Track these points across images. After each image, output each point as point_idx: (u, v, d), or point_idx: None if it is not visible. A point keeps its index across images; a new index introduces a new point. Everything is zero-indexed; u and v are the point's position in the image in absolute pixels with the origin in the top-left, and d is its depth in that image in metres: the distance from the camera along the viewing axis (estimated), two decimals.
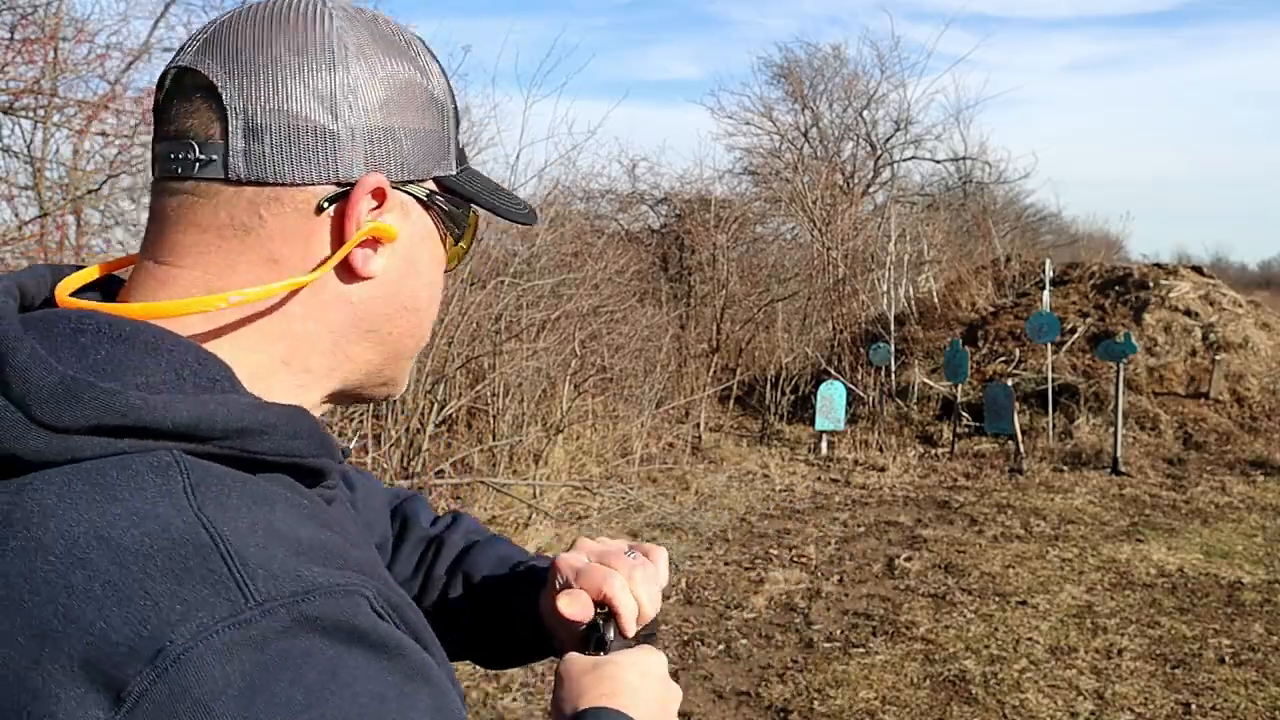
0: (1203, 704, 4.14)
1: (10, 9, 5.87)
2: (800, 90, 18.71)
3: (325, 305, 0.69)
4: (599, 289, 8.93)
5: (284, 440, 0.63)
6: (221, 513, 0.56)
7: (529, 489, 6.78)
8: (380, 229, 0.68)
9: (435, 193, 0.73)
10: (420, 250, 0.73)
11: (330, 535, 0.62)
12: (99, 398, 0.57)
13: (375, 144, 0.68)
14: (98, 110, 6.10)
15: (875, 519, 7.19)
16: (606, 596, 0.83)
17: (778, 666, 4.52)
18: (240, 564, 0.53)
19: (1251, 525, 6.96)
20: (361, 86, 0.67)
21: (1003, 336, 11.35)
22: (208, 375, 0.63)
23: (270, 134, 0.65)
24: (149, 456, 0.58)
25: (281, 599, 0.52)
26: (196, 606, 0.51)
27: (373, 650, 0.55)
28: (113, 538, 0.53)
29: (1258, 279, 39.87)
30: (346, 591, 0.56)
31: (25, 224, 5.83)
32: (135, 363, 0.61)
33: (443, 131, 0.72)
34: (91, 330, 0.61)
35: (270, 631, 0.51)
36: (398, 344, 0.74)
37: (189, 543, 0.53)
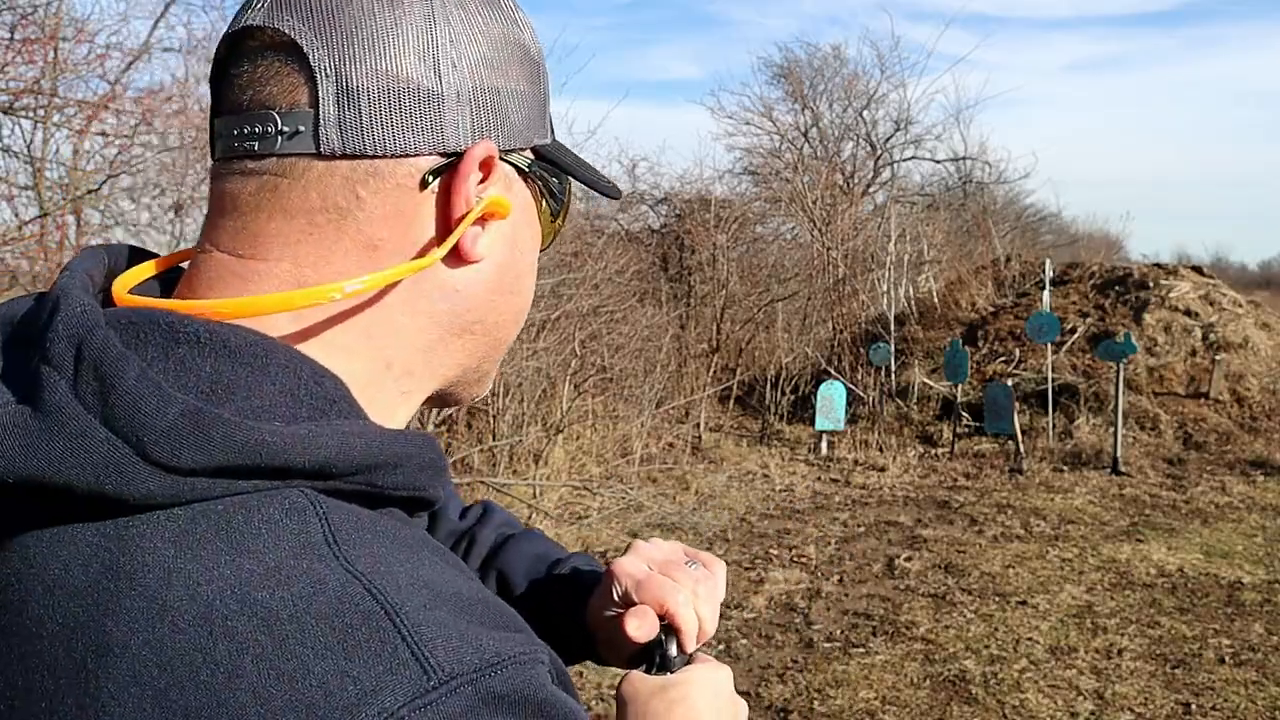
0: (1203, 704, 4.14)
1: (10, 9, 5.88)
2: (800, 90, 18.71)
3: (427, 295, 0.60)
4: (599, 289, 8.93)
5: (414, 473, 0.56)
6: (375, 567, 0.48)
7: (529, 489, 6.79)
8: (496, 204, 0.60)
9: (535, 163, 0.65)
10: (523, 228, 0.65)
11: (481, 586, 0.55)
12: (230, 434, 0.48)
13: (481, 107, 0.59)
14: (98, 110, 6.10)
15: (875, 519, 7.19)
16: (669, 612, 0.76)
17: (778, 666, 4.52)
18: (415, 633, 0.46)
19: (1251, 525, 6.96)
20: (464, 40, 0.59)
21: (1003, 336, 11.36)
22: (325, 395, 0.55)
23: (367, 97, 0.56)
24: (277, 497, 0.50)
25: (466, 675, 0.46)
26: (374, 688, 0.44)
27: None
28: (258, 600, 0.45)
29: (1258, 279, 39.88)
30: (529, 661, 0.49)
31: (25, 224, 5.83)
32: (246, 382, 0.52)
33: (541, 94, 0.64)
34: (190, 340, 0.52)
35: (457, 712, 0.45)
36: (500, 333, 0.66)
37: (351, 607, 0.46)
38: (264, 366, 0.53)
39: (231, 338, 0.53)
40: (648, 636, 0.75)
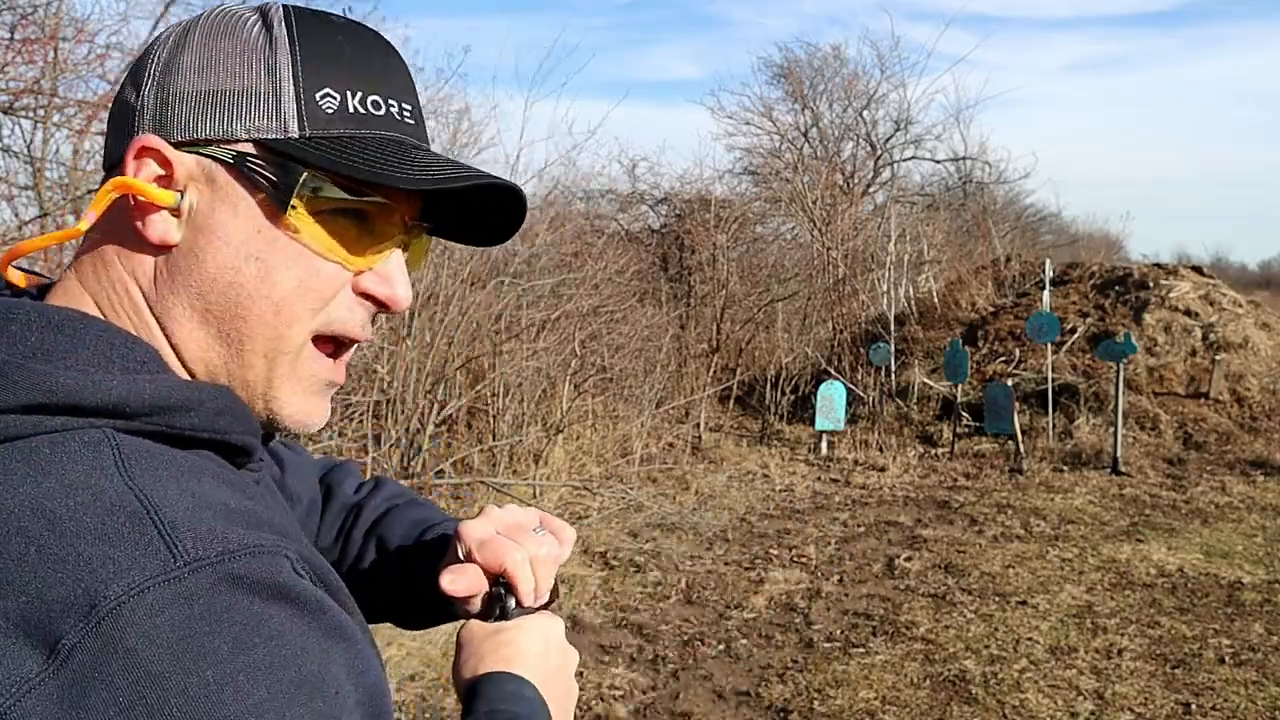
0: (1203, 704, 4.14)
1: (10, 9, 5.87)
2: (800, 90, 18.71)
3: (147, 279, 0.70)
4: (599, 289, 8.93)
5: (210, 417, 0.66)
6: (151, 482, 0.59)
7: (529, 489, 6.78)
8: (128, 185, 0.67)
9: (250, 155, 0.68)
10: (226, 218, 0.68)
11: (253, 504, 0.65)
12: (31, 378, 0.60)
13: (163, 109, 0.69)
14: (98, 110, 6.10)
15: (875, 519, 7.19)
16: (506, 570, 0.83)
17: (778, 666, 4.52)
18: (169, 527, 0.56)
19: (1251, 525, 6.95)
20: (168, 58, 0.70)
21: (1003, 336, 11.35)
22: (135, 357, 0.66)
23: (108, 125, 0.73)
24: (80, 434, 0.60)
25: (208, 558, 0.55)
26: (128, 566, 0.54)
27: (294, 606, 0.58)
28: (47, 507, 0.56)
29: (1258, 279, 39.88)
30: (269, 551, 0.59)
31: (25, 224, 5.82)
32: (64, 347, 0.63)
33: (270, 89, 0.68)
34: (21, 319, 0.64)
35: (198, 588, 0.54)
36: (228, 328, 0.69)
37: (120, 509, 0.56)
38: (81, 335, 0.65)
39: (55, 315, 0.65)
40: (461, 591, 0.83)
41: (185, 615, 0.53)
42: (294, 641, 0.56)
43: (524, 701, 0.76)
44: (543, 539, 0.87)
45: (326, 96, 0.69)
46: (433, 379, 6.67)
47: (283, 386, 0.72)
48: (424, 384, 6.58)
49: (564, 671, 0.83)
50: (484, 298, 7.14)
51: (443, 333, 6.67)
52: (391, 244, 0.74)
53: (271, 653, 0.55)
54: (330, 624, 0.60)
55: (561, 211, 9.81)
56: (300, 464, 1.00)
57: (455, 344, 6.80)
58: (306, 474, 1.02)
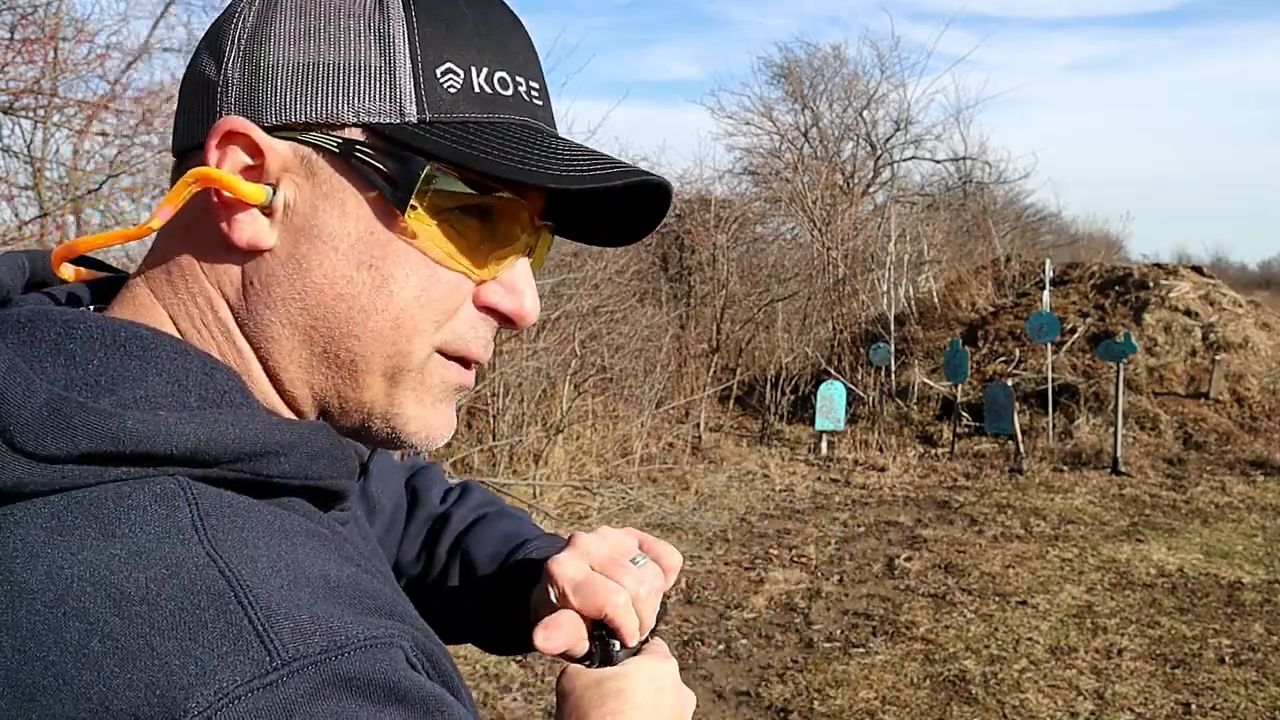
0: (1203, 704, 4.14)
1: (10, 9, 5.88)
2: (800, 90, 18.71)
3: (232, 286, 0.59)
4: (599, 289, 8.93)
5: (303, 462, 0.56)
6: (238, 551, 0.49)
7: (529, 489, 6.79)
8: (210, 177, 0.56)
9: (360, 143, 0.58)
10: (331, 218, 0.58)
11: (358, 572, 0.55)
12: (92, 422, 0.50)
13: (252, 85, 0.57)
14: (98, 110, 6.10)
15: (875, 519, 7.19)
16: (608, 616, 0.73)
17: (778, 666, 4.52)
18: (264, 615, 0.46)
19: (1251, 525, 6.96)
20: (255, 24, 0.58)
21: (1003, 336, 11.36)
22: (215, 387, 0.55)
23: (180, 103, 0.62)
24: (151, 484, 0.51)
25: (311, 656, 0.46)
26: (214, 668, 0.44)
27: (409, 709, 0.49)
28: (113, 583, 0.46)
29: (1258, 279, 39.90)
30: (384, 644, 0.49)
31: (25, 224, 5.83)
32: (133, 373, 0.53)
33: (384, 63, 0.58)
34: (82, 336, 0.54)
35: (298, 694, 0.45)
36: (337, 347, 0.59)
37: (202, 589, 0.46)
38: (151, 359, 0.54)
39: (122, 332, 0.55)
40: (559, 648, 0.72)
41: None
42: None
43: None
44: (644, 572, 0.76)
45: (449, 73, 0.59)
46: None
47: (408, 401, 0.62)
48: None
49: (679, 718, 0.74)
50: None
51: None
52: (517, 248, 0.63)
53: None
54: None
55: None
56: (385, 468, 0.91)
57: None
58: (391, 478, 0.92)
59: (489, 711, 4.02)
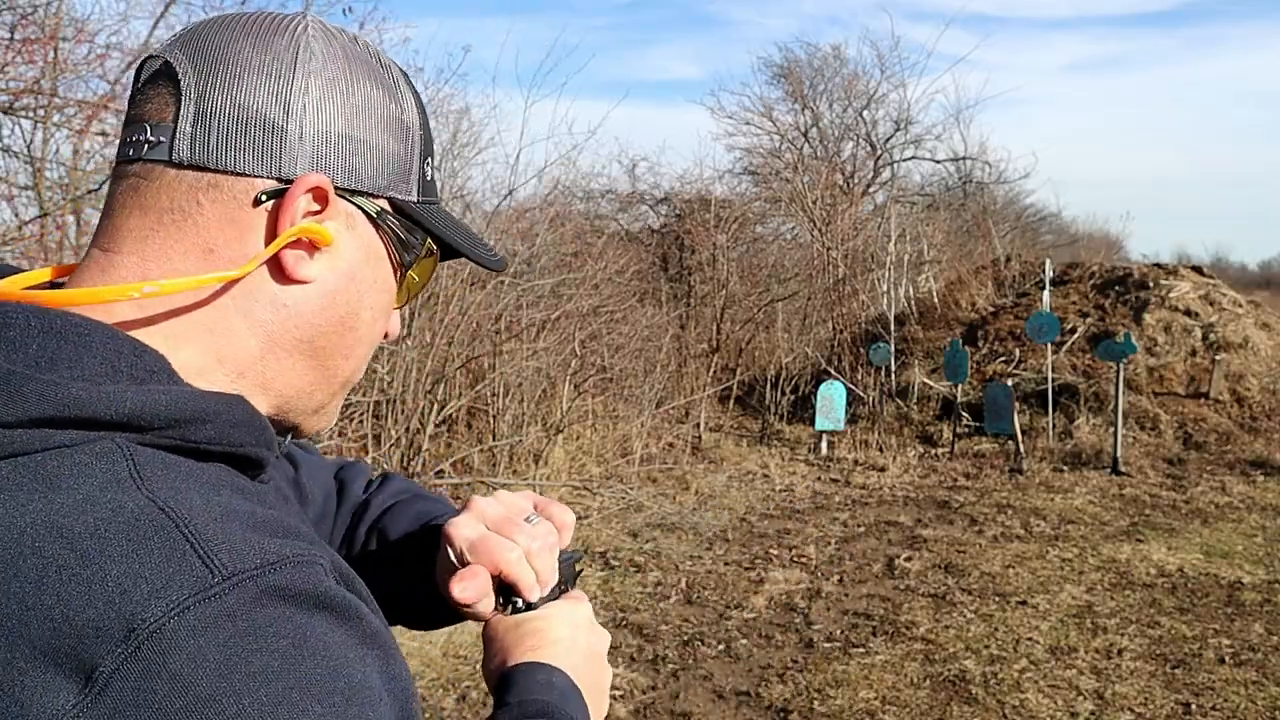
0: (1203, 704, 4.14)
1: (10, 9, 5.87)
2: (800, 90, 18.72)
3: (258, 306, 0.68)
4: (599, 289, 8.93)
5: (225, 429, 0.63)
6: (171, 494, 0.55)
7: (529, 489, 6.78)
8: (313, 230, 0.67)
9: (388, 213, 0.72)
10: (364, 268, 0.72)
11: (278, 513, 0.62)
12: (41, 390, 0.56)
13: (325, 147, 0.68)
14: (98, 110, 6.10)
15: (875, 519, 7.19)
16: (503, 572, 0.81)
17: (778, 666, 4.52)
18: (202, 540, 0.53)
19: (1251, 525, 6.96)
20: (320, 92, 0.68)
21: (1003, 336, 11.36)
22: (144, 367, 0.62)
23: (219, 120, 0.65)
24: (90, 446, 0.57)
25: (248, 571, 0.53)
26: (163, 584, 0.51)
27: (334, 615, 0.56)
28: (63, 524, 0.52)
29: (1258, 279, 39.87)
30: (306, 560, 0.56)
31: (25, 224, 5.83)
32: (68, 356, 0.59)
33: (406, 156, 0.72)
34: (20, 325, 0.60)
35: (240, 603, 0.52)
36: (331, 363, 0.72)
37: (145, 522, 0.53)
38: (85, 343, 0.60)
39: (57, 321, 0.61)
40: (474, 598, 0.80)
41: (230, 633, 0.51)
42: (339, 652, 0.55)
43: (554, 689, 0.76)
44: (536, 529, 0.84)
45: (427, 165, 0.75)
46: (433, 379, 6.67)
47: (333, 406, 0.76)
48: (424, 384, 6.58)
49: (594, 654, 0.83)
50: (484, 298, 7.14)
51: (443, 333, 6.68)
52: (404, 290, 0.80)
53: (320, 665, 0.53)
54: (366, 631, 0.58)
55: (561, 211, 9.81)
56: (314, 463, 0.99)
57: (455, 344, 6.80)
58: (320, 472, 1.00)
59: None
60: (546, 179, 9.23)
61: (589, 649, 0.82)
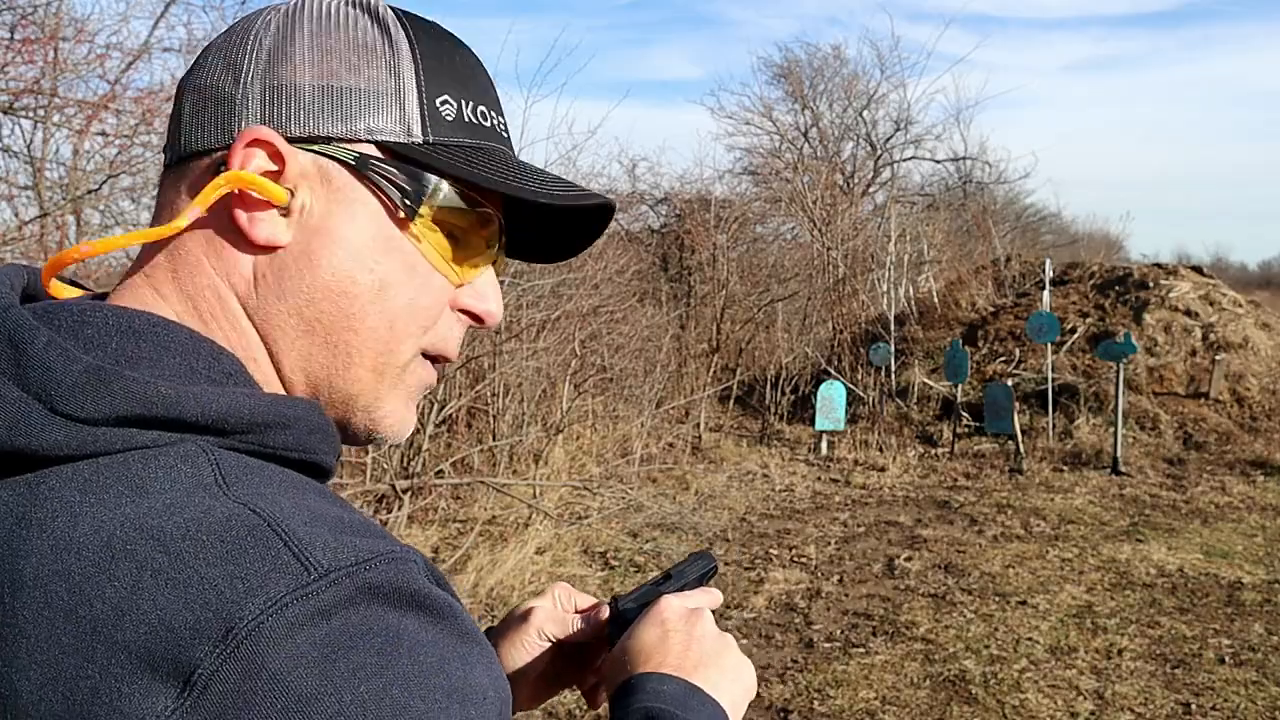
0: (1203, 704, 4.14)
1: (10, 9, 5.88)
2: (800, 90, 18.72)
3: (243, 283, 0.64)
4: (599, 289, 8.93)
5: (303, 435, 0.62)
6: (258, 497, 0.54)
7: (529, 489, 6.78)
8: (243, 179, 0.61)
9: (374, 158, 0.65)
10: (348, 225, 0.64)
11: (361, 517, 0.61)
12: (129, 387, 0.55)
13: (277, 98, 0.64)
14: (98, 110, 6.10)
15: (875, 519, 7.19)
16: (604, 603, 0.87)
17: (778, 666, 4.52)
18: (296, 540, 0.52)
19: (1251, 525, 6.96)
20: (272, 47, 0.64)
21: (1003, 336, 11.35)
22: (222, 369, 0.61)
23: (186, 112, 0.66)
24: (174, 448, 0.56)
25: (343, 568, 0.52)
26: (260, 584, 0.50)
27: (430, 614, 0.55)
28: (155, 527, 0.51)
29: (1258, 279, 39.88)
30: (400, 558, 0.55)
31: (25, 224, 5.83)
32: (149, 355, 0.59)
33: (395, 90, 0.65)
34: (98, 323, 0.59)
35: (336, 601, 0.51)
36: (336, 338, 0.65)
37: (238, 524, 0.52)
38: (166, 344, 0.60)
39: (136, 320, 0.60)
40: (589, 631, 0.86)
41: (326, 631, 0.50)
42: (436, 650, 0.54)
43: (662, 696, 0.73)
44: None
45: (445, 103, 0.67)
46: None
47: (388, 398, 0.69)
48: None
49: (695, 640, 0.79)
50: None
51: None
52: (488, 257, 0.71)
53: (418, 662, 0.52)
54: (463, 628, 0.57)
55: None
56: None
57: None
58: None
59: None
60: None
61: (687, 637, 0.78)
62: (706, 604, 0.84)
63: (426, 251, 0.67)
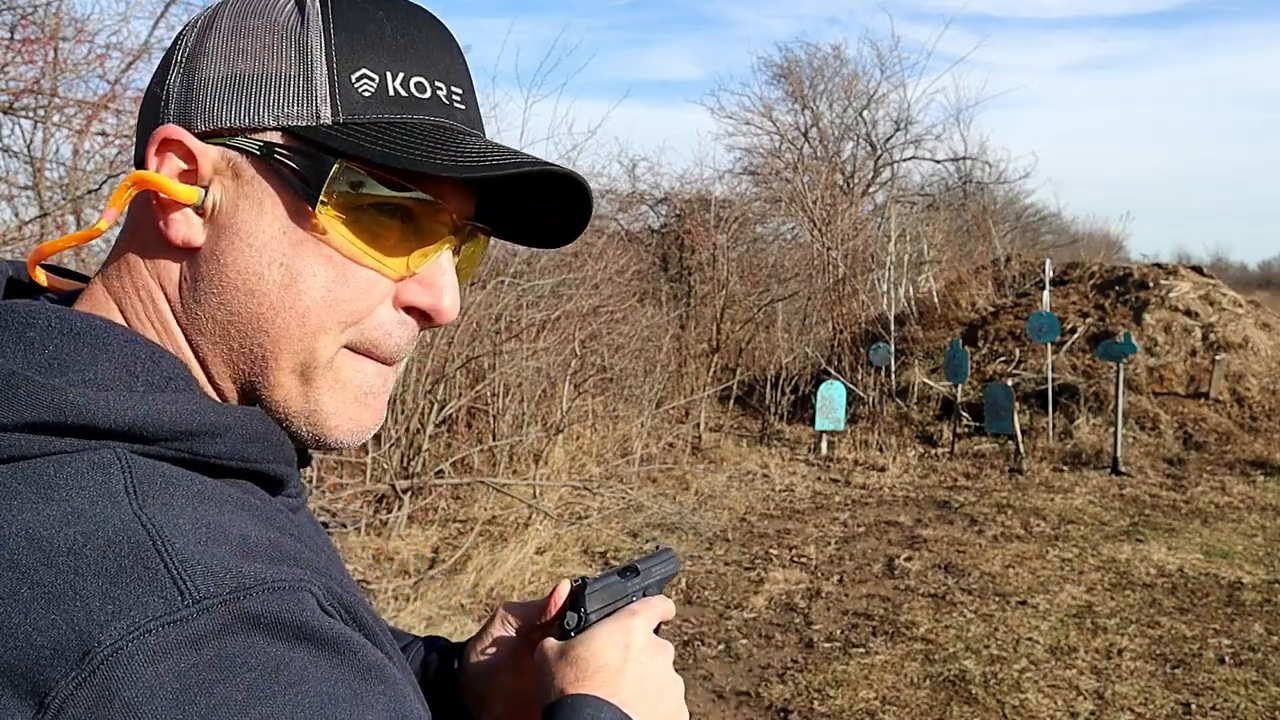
0: (1203, 704, 4.14)
1: (10, 9, 5.87)
2: (800, 90, 18.72)
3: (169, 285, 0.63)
4: (599, 289, 8.93)
5: (238, 444, 0.59)
6: (163, 511, 0.52)
7: (529, 489, 6.78)
8: (147, 179, 0.60)
9: (278, 145, 0.61)
10: (257, 219, 0.61)
11: (281, 536, 0.58)
12: (36, 394, 0.54)
13: (187, 97, 0.62)
14: (98, 110, 6.10)
15: (875, 519, 7.19)
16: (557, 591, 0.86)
17: (778, 666, 4.52)
18: (178, 562, 0.50)
19: (1251, 525, 6.96)
20: (194, 41, 0.63)
21: (1003, 336, 11.35)
22: (161, 373, 0.59)
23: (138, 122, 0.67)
24: (90, 455, 0.54)
25: (220, 596, 0.49)
26: (129, 606, 0.48)
27: (321, 648, 0.52)
28: (44, 537, 0.50)
29: (1258, 279, 39.86)
30: (291, 587, 0.52)
31: (25, 224, 5.82)
32: (83, 358, 0.57)
33: (302, 71, 0.61)
34: (41, 325, 0.58)
35: (207, 630, 0.48)
36: (250, 341, 0.62)
37: (124, 540, 0.50)
38: (103, 346, 0.59)
39: (77, 322, 0.59)
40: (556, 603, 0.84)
41: (192, 662, 0.47)
42: (320, 688, 0.50)
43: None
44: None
45: (364, 78, 0.62)
46: (433, 379, 6.67)
47: (324, 401, 0.64)
48: (424, 384, 6.58)
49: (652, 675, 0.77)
50: (484, 298, 7.14)
51: (443, 333, 6.67)
52: (438, 246, 0.66)
53: (294, 700, 0.49)
54: (364, 665, 0.53)
55: None
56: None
57: (455, 344, 6.80)
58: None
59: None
60: None
61: (645, 670, 0.77)
62: (660, 617, 0.84)
63: (337, 241, 0.62)
